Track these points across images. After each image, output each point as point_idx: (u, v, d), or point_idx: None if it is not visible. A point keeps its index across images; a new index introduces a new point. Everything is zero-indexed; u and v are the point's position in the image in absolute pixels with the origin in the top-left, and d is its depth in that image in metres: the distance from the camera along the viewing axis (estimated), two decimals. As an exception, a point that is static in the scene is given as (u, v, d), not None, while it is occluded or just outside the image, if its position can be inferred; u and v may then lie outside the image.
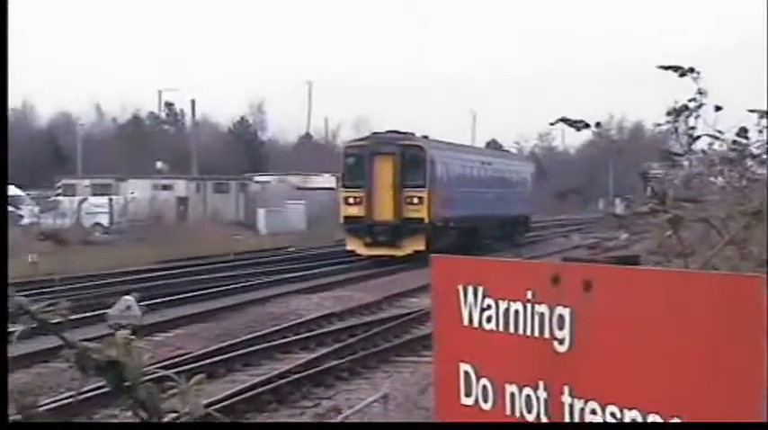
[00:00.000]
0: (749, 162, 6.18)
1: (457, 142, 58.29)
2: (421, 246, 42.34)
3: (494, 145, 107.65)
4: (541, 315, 3.04)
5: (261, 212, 69.05)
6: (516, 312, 3.12)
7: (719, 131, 5.90)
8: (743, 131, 5.91)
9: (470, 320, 3.29)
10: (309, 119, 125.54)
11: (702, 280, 2.74)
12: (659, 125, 5.82)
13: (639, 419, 2.75)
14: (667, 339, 2.68)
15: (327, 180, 75.46)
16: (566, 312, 2.97)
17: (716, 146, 6.06)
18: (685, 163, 6.11)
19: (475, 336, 3.26)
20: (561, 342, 2.98)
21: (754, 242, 5.46)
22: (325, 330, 26.52)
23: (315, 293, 33.52)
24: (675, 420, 2.67)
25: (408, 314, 28.09)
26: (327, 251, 49.55)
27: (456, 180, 47.40)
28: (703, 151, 6.13)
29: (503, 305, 3.17)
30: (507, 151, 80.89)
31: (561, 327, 2.97)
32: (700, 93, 5.56)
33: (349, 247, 44.65)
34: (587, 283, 2.90)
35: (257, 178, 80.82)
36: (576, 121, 5.21)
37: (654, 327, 2.71)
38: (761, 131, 6.09)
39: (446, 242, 41.60)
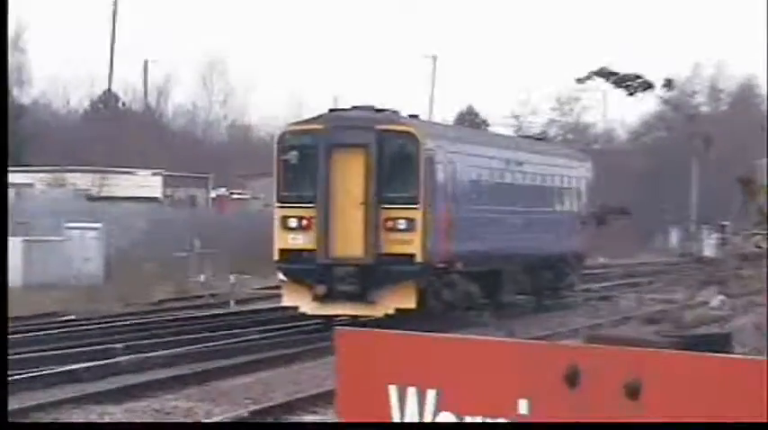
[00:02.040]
0: None
1: (463, 127, 48.19)
2: (409, 302, 32.91)
3: (469, 115, 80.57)
4: None
5: (15, 245, 41.50)
6: None
7: None
8: None
9: None
10: (112, 66, 75.40)
11: None
12: None
13: None
14: None
15: (147, 181, 58.10)
16: None
17: None
18: None
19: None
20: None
21: None
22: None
23: (118, 403, 22.79)
24: None
25: None
26: (146, 321, 35.14)
27: (468, 191, 36.75)
28: None
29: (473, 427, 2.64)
30: (542, 139, 55.62)
31: None
32: None
33: (287, 302, 34.08)
34: (632, 385, 2.56)
35: (12, 176, 46.99)
36: (625, 77, 2.43)
37: None
38: None
39: (450, 296, 33.89)
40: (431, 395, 3.30)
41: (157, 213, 53.84)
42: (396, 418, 3.12)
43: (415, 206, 33.00)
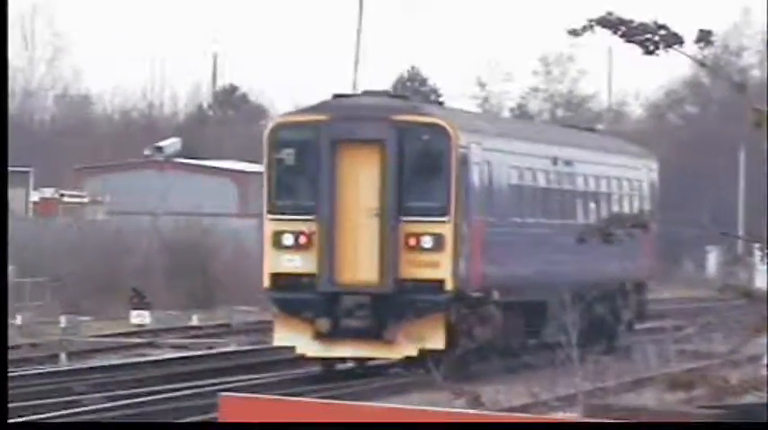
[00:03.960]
0: None
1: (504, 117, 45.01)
2: (437, 341, 29.11)
3: (411, 82, 64.46)
4: None
5: None
6: None
7: None
8: None
9: None
10: None
11: None
12: None
13: None
14: None
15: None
16: None
17: None
18: None
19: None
20: None
21: None
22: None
23: None
24: None
25: None
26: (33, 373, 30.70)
27: (510, 200, 32.85)
28: None
29: None
30: (593, 131, 46.98)
31: None
32: None
33: (280, 341, 30.43)
34: None
35: None
36: (638, 28, 2.75)
37: None
38: None
39: (485, 333, 30.44)
40: None
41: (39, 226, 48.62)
42: None
43: (444, 219, 29.26)
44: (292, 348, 29.48)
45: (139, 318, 42.18)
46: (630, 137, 55.11)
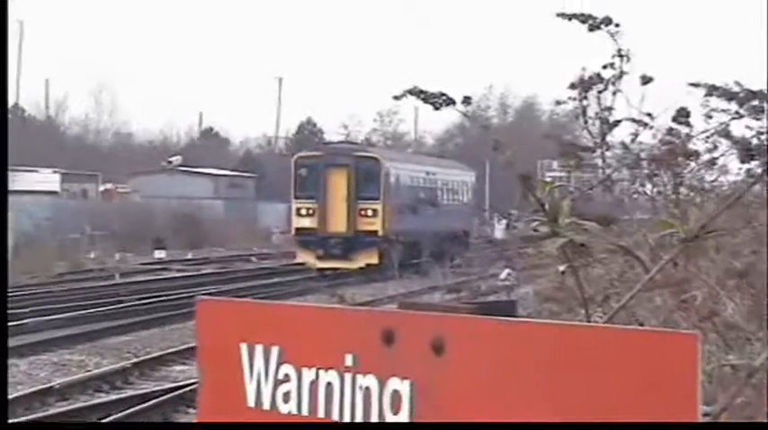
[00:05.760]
0: (694, 162, 4.02)
1: (404, 152, 56.95)
2: (374, 259, 41.68)
3: (308, 125, 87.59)
4: (367, 391, 2.27)
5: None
6: (329, 386, 2.34)
7: (648, 115, 3.89)
8: (682, 115, 3.86)
9: (259, 399, 2.46)
10: (19, 80, 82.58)
11: (608, 335, 2.06)
12: (560, 103, 3.99)
13: None
14: (553, 425, 1.99)
15: (47, 178, 58.44)
16: (404, 386, 2.22)
17: (643, 136, 3.95)
18: (598, 161, 4.08)
19: (266, 424, 2.43)
20: (398, 432, 2.16)
21: (697, 282, 3.63)
22: (38, 416, 16.53)
23: (22, 357, 22.37)
24: None
25: (171, 391, 18.25)
26: (47, 290, 34.06)
27: (406, 192, 46.53)
28: (624, 145, 4.09)
29: (308, 375, 2.40)
30: (443, 157, 65.51)
31: (397, 410, 2.21)
32: (620, 56, 3.67)
33: (300, 259, 43.40)
34: (437, 343, 2.19)
35: None
36: (432, 95, 3.46)
37: (534, 408, 2.01)
38: (709, 116, 3.88)
39: (396, 256, 39.97)
40: (274, 351, 2.88)
41: (56, 204, 53.16)
42: (246, 370, 2.51)
43: (377, 202, 42.14)
44: (303, 263, 41.45)
45: (159, 254, 50.02)
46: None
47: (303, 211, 42.80)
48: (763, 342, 2.72)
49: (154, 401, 17.38)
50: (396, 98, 3.50)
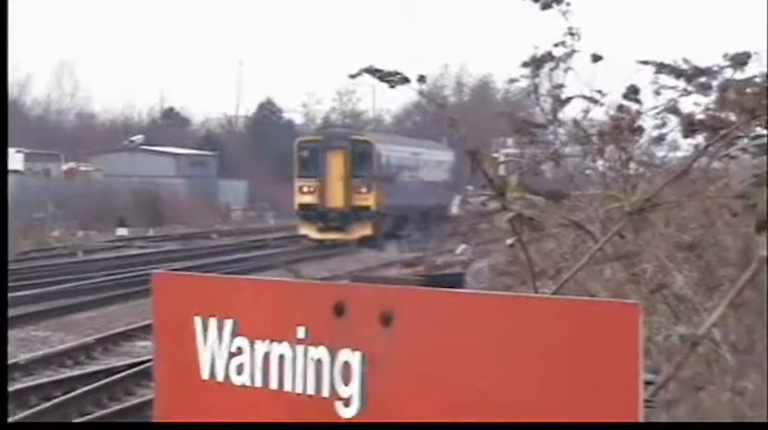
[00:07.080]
0: (640, 138, 3.86)
1: (394, 135, 56.86)
2: (368, 231, 43.56)
3: (268, 104, 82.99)
4: (318, 362, 2.20)
5: None
6: (281, 358, 2.26)
7: (599, 92, 3.83)
8: (632, 92, 3.71)
9: (213, 371, 2.37)
10: None
11: (553, 305, 2.01)
12: (513, 81, 3.92)
13: None
14: (500, 394, 1.95)
15: (11, 158, 54.87)
16: (354, 358, 2.16)
17: (594, 113, 3.85)
18: (550, 137, 4.02)
19: (220, 396, 2.33)
20: (347, 402, 2.15)
21: (647, 255, 3.54)
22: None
23: None
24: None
25: (135, 366, 17.83)
26: (12, 268, 30.30)
27: (395, 171, 47.89)
28: (576, 121, 3.99)
29: (261, 348, 2.30)
30: (426, 139, 62.59)
31: (347, 381, 2.15)
32: (571, 34, 3.61)
33: (302, 232, 44.98)
34: (386, 315, 2.13)
35: None
36: (387, 74, 3.28)
37: (482, 378, 1.99)
38: (657, 92, 3.73)
39: (387, 228, 42.74)
40: (228, 324, 2.76)
41: (19, 182, 49.96)
42: (200, 343, 2.58)
43: (370, 179, 44.34)
44: (307, 235, 42.84)
45: (121, 232, 49.45)
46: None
47: (305, 189, 44.60)
48: (710, 312, 2.67)
49: (117, 376, 17.01)
50: (351, 77, 3.32)
